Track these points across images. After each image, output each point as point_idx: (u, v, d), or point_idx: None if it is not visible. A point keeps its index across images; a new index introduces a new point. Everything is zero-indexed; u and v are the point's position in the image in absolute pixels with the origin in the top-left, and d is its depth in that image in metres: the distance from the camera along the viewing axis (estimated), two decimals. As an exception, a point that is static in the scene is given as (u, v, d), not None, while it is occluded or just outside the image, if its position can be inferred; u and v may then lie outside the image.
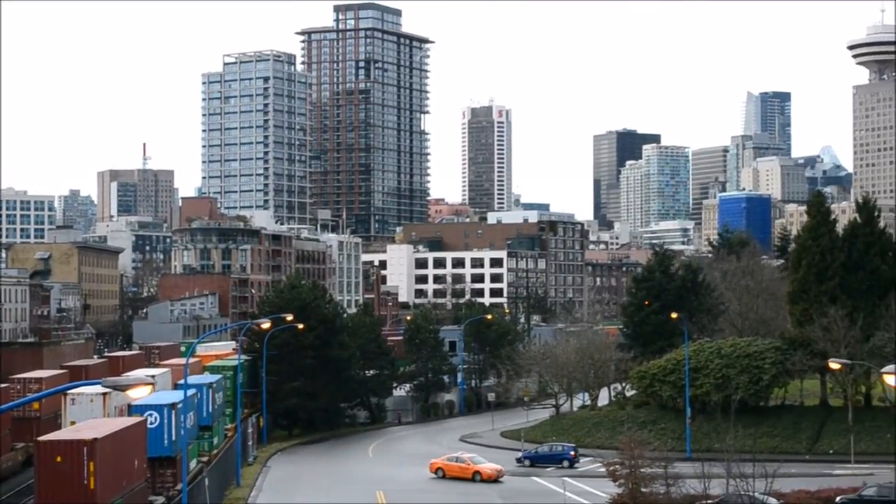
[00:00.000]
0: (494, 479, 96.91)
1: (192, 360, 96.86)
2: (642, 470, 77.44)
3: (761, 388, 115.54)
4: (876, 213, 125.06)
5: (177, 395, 75.83)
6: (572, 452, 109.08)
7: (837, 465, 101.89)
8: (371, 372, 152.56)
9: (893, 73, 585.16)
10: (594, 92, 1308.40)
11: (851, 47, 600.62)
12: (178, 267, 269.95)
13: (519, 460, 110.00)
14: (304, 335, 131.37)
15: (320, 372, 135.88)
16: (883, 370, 30.56)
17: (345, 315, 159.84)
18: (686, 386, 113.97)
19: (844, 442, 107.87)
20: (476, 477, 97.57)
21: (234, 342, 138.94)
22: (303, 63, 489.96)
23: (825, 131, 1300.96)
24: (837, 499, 80.00)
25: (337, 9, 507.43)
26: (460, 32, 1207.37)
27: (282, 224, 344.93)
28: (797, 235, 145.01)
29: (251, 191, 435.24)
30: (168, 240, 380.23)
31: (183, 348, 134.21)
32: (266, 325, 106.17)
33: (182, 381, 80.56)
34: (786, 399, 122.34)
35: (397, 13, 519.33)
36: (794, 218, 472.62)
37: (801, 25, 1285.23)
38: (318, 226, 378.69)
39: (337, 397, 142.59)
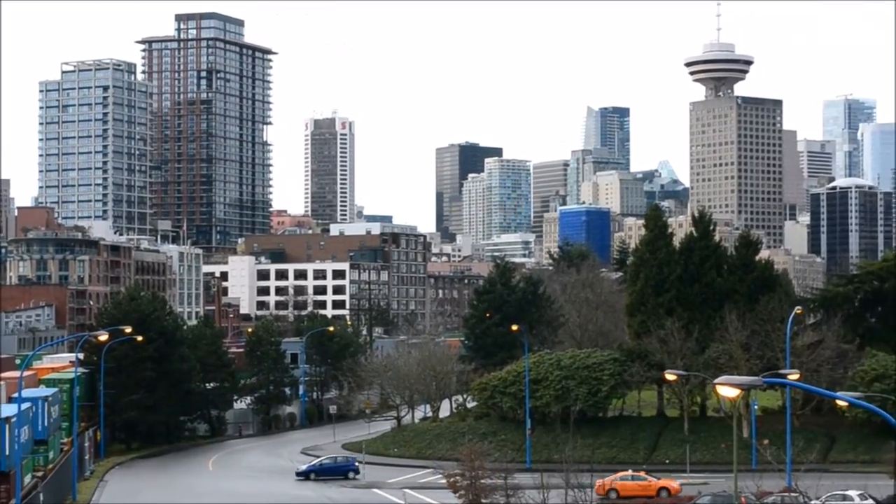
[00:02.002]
0: (679, 494, 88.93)
1: (27, 373, 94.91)
2: (482, 481, 77.96)
3: (600, 400, 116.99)
4: (711, 227, 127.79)
5: (10, 409, 74.30)
6: (357, 463, 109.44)
7: (674, 474, 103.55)
8: (211, 384, 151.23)
9: (729, 91, 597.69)
10: (437, 105, 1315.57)
11: (688, 64, 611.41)
12: (13, 278, 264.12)
13: (302, 473, 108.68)
14: (143, 347, 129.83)
15: (160, 384, 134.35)
16: (716, 381, 31.18)
17: (185, 327, 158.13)
18: (526, 397, 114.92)
19: (680, 452, 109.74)
20: (662, 493, 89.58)
21: (71, 355, 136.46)
22: (143, 72, 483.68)
23: (663, 146, 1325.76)
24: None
25: (179, 18, 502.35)
26: (303, 44, 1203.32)
27: (121, 235, 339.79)
28: (635, 248, 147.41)
29: (90, 201, 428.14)
30: (3, 250, 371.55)
31: (18, 361, 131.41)
32: (104, 337, 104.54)
33: (16, 395, 78.97)
34: (624, 410, 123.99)
35: (240, 23, 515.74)
36: (632, 231, 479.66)
37: (640, 42, 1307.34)
38: (159, 237, 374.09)
39: (177, 410, 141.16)
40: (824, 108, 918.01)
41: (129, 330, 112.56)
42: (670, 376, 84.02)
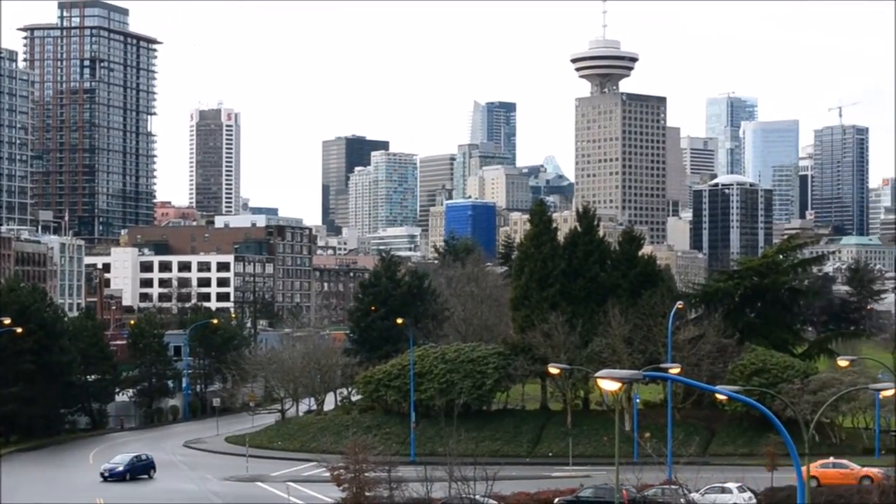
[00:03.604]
0: (882, 482, 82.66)
1: None
2: (366, 474, 77.87)
3: (484, 393, 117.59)
4: (595, 223, 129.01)
5: None
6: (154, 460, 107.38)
7: (556, 467, 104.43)
8: (93, 377, 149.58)
9: (614, 87, 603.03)
10: (324, 97, 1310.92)
11: (574, 60, 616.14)
12: None
13: (118, 474, 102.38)
14: (22, 339, 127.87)
15: (39, 377, 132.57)
16: (597, 374, 31.52)
17: (66, 319, 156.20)
18: (411, 391, 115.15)
19: (563, 445, 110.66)
20: (865, 482, 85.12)
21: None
22: (25, 60, 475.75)
23: (549, 142, 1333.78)
24: (556, 500, 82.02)
25: (62, 5, 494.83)
26: (189, 34, 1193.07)
27: (1, 225, 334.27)
28: (520, 243, 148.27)
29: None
30: None
31: None
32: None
33: None
34: (508, 403, 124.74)
35: (124, 12, 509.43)
36: (517, 226, 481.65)
37: (527, 37, 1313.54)
38: (40, 227, 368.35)
39: (57, 403, 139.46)
40: (707, 105, 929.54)
41: (8, 321, 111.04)
42: (554, 370, 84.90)
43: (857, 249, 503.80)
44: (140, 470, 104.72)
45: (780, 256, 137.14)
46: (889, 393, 66.71)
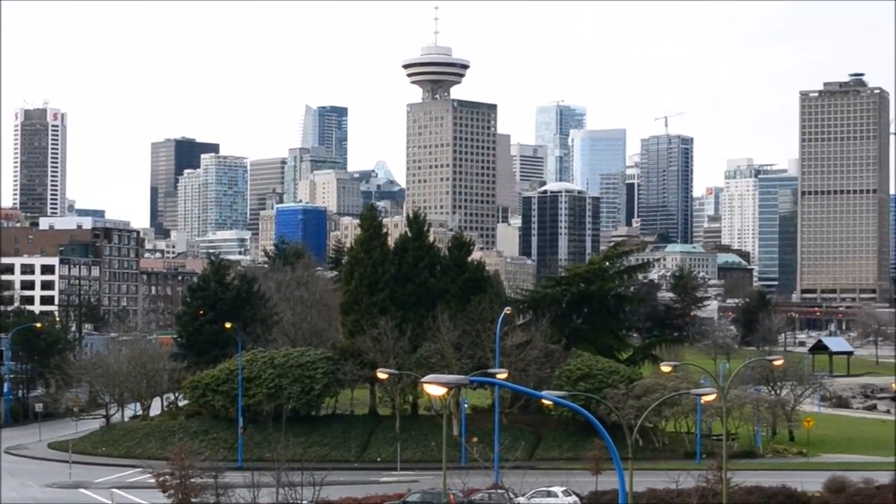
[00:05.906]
0: None
1: None
2: (193, 480, 77.25)
3: (313, 398, 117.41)
4: (426, 228, 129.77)
5: None
6: None
7: (385, 472, 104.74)
8: None
9: (446, 94, 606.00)
10: (152, 99, 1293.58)
11: (406, 66, 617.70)
12: None
13: None
14: None
15: None
16: (423, 380, 31.71)
17: None
18: (239, 395, 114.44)
19: (392, 449, 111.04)
20: None
21: None
22: None
23: (380, 147, 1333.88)
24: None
25: None
26: (14, 30, 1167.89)
27: None
28: (350, 248, 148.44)
29: None
30: None
31: None
32: None
33: None
34: (337, 408, 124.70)
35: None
36: (348, 231, 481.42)
37: (360, 42, 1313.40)
38: None
39: None
40: (537, 113, 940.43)
41: None
42: (382, 375, 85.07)
43: (682, 257, 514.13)
44: None
45: (607, 263, 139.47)
46: (710, 398, 68.25)
